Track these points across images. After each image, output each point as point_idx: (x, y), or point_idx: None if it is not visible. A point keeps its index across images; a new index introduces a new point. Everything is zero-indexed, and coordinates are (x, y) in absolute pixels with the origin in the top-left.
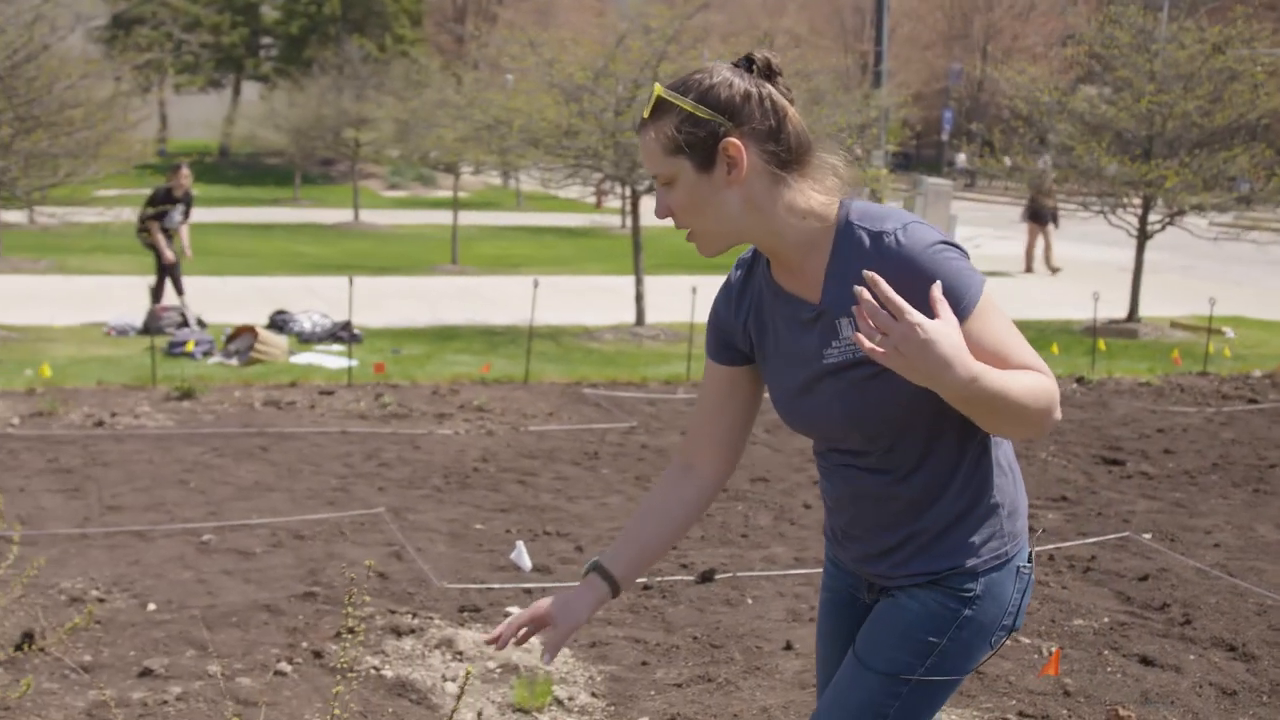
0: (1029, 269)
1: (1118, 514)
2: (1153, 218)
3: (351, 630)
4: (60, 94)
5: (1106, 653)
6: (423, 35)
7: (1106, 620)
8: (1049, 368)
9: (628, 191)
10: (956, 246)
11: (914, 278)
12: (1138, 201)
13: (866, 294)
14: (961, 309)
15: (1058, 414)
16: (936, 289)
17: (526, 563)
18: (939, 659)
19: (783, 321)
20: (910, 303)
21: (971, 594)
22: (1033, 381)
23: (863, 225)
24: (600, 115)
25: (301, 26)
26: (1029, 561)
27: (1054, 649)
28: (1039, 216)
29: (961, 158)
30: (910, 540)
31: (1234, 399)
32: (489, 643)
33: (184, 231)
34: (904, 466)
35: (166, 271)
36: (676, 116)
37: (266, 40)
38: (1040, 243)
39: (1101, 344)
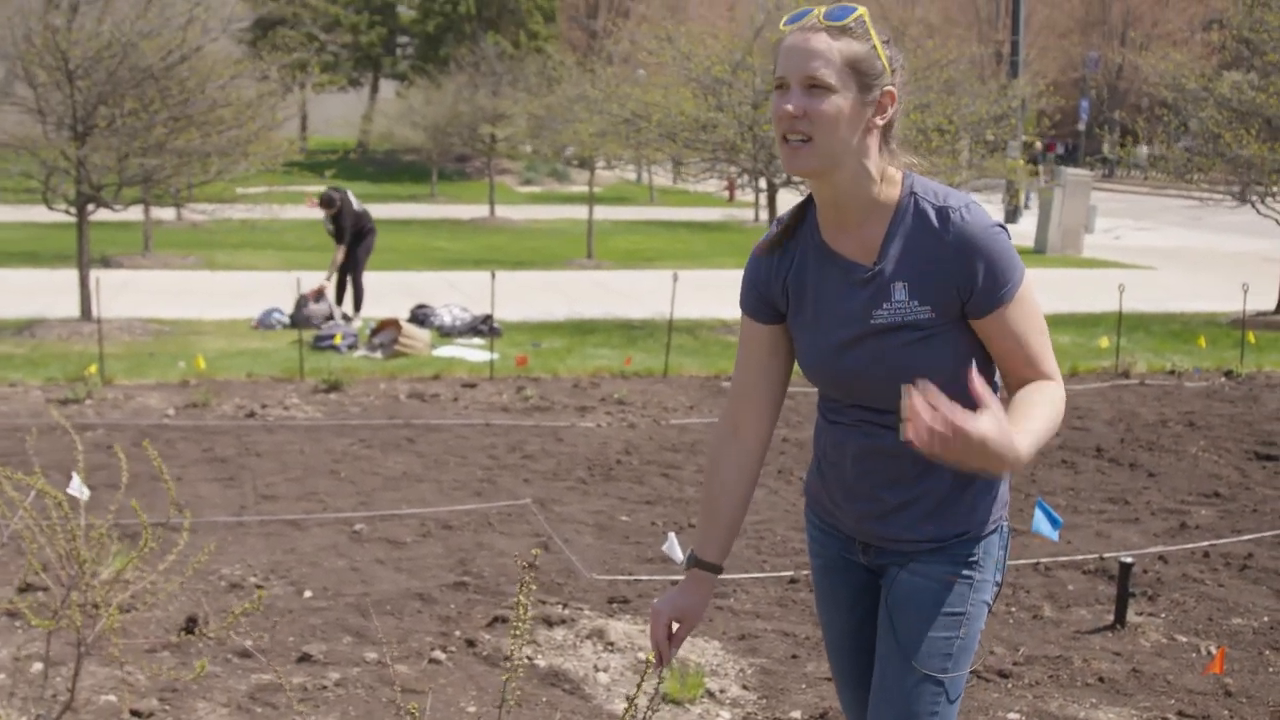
0: None
1: (1274, 510)
2: None
3: (513, 624)
4: (212, 93)
5: (1268, 653)
6: (556, 32)
7: (1266, 619)
8: (1059, 369)
9: (763, 184)
10: (1006, 230)
11: (972, 253)
12: None
13: (917, 397)
14: (1005, 291)
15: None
16: (975, 379)
17: (679, 555)
18: (968, 624)
19: (828, 282)
20: (963, 275)
21: (975, 559)
22: (1052, 410)
23: (927, 198)
24: (738, 108)
25: (437, 25)
26: (1008, 520)
27: (1214, 647)
28: None
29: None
30: (919, 500)
31: None
32: (658, 666)
33: (334, 260)
34: None
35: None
36: (863, 43)
37: (403, 39)
38: None
39: (1251, 336)
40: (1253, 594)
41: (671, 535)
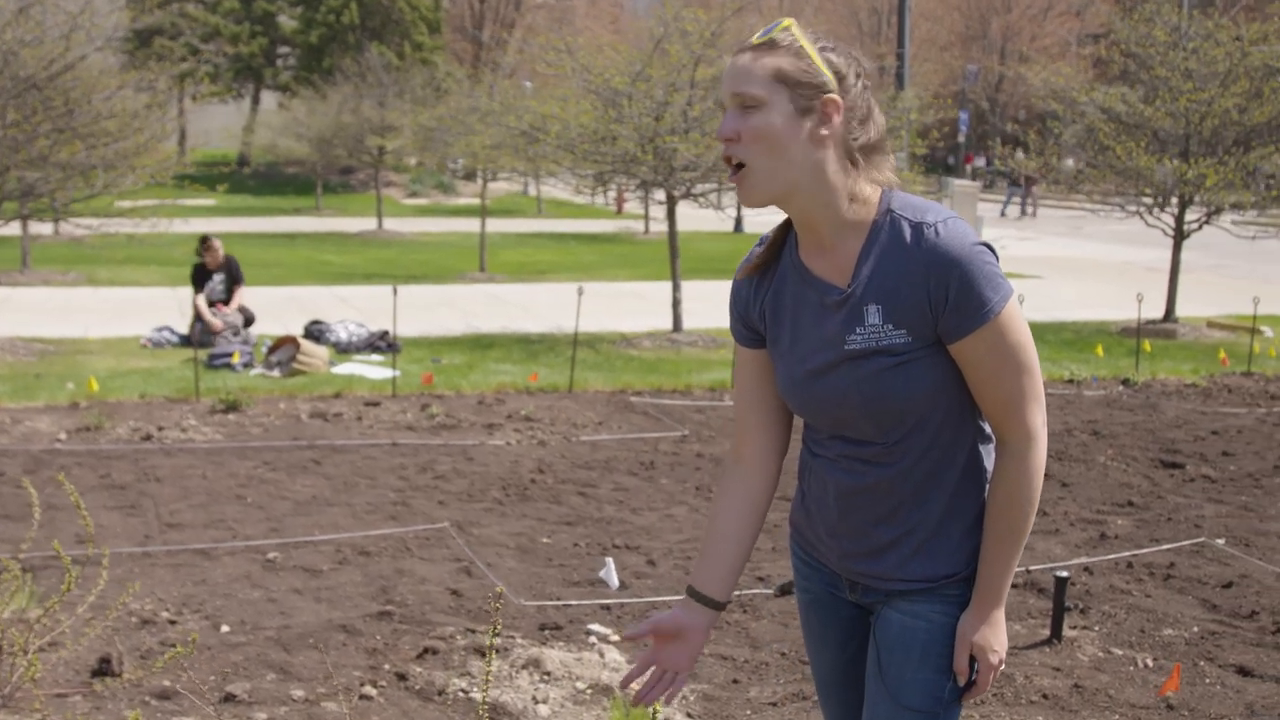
0: None
1: (1187, 519)
2: (1189, 217)
3: (482, 671)
4: (97, 105)
5: (1202, 663)
6: (440, 43)
7: (1196, 630)
8: (1041, 414)
9: (661, 197)
10: (992, 251)
11: (943, 269)
12: (1174, 200)
13: (964, 662)
14: (982, 313)
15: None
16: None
17: (615, 581)
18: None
19: (804, 304)
20: (934, 293)
21: (964, 597)
22: (1023, 509)
23: (904, 215)
24: (638, 120)
25: (320, 36)
26: None
27: (1150, 659)
28: None
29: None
30: (907, 537)
31: None
32: (636, 701)
33: (235, 300)
34: (907, 460)
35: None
36: (793, 55)
37: (285, 50)
38: None
39: (1147, 345)
40: (1180, 604)
41: (609, 561)
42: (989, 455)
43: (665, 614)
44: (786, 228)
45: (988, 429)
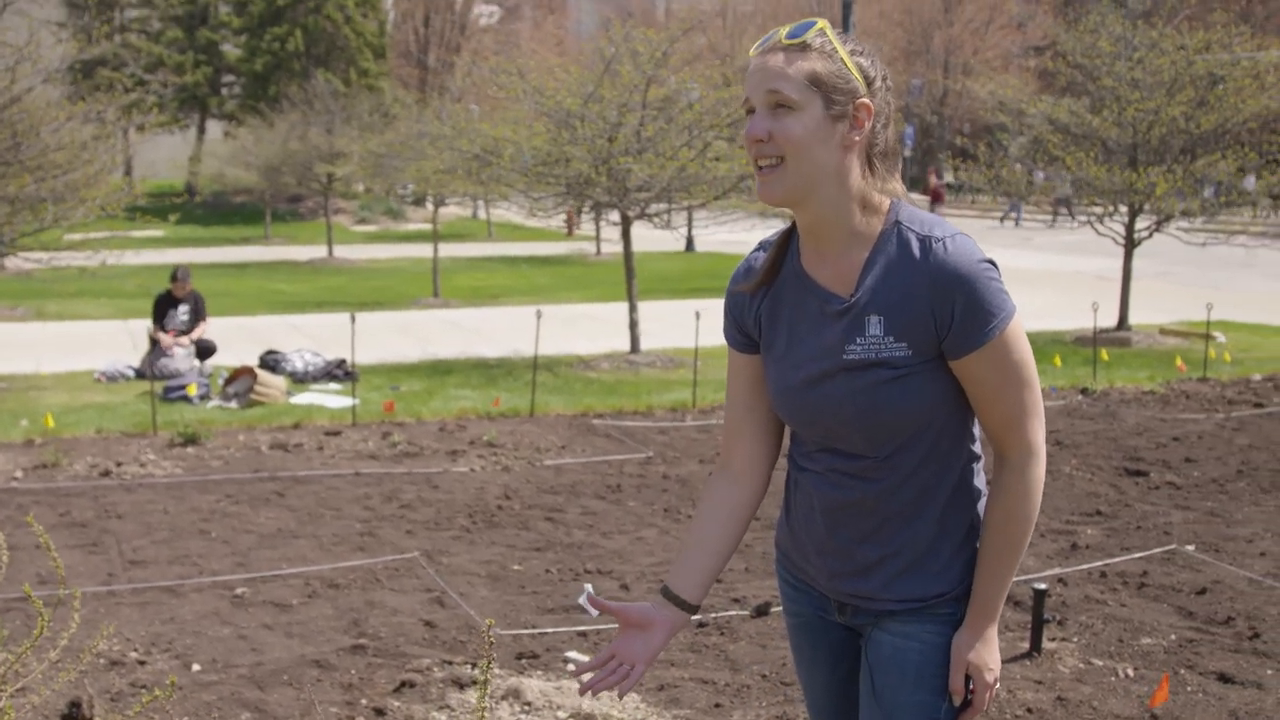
0: None
1: (1156, 526)
2: (1139, 225)
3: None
4: (46, 137)
5: (1183, 672)
6: (386, 69)
7: (1174, 637)
8: (1041, 429)
9: (614, 217)
10: (996, 268)
11: (950, 286)
12: (1124, 209)
13: (960, 683)
14: (985, 333)
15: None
16: (958, 685)
17: (593, 609)
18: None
19: (803, 311)
20: (939, 310)
21: (956, 616)
22: (1022, 524)
23: (912, 228)
24: (592, 141)
25: (265, 64)
26: None
27: (1130, 669)
28: None
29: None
30: (893, 558)
31: (1239, 404)
32: (585, 689)
33: (197, 332)
34: (895, 477)
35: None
36: (825, 58)
37: (229, 78)
38: None
39: (1104, 354)
40: (1156, 612)
41: (587, 587)
42: (979, 474)
43: (636, 604)
44: (788, 234)
45: (978, 448)
